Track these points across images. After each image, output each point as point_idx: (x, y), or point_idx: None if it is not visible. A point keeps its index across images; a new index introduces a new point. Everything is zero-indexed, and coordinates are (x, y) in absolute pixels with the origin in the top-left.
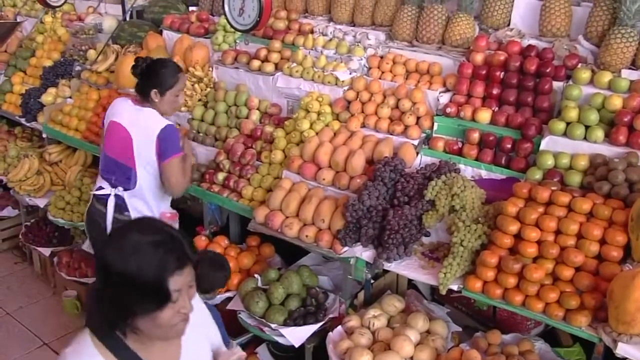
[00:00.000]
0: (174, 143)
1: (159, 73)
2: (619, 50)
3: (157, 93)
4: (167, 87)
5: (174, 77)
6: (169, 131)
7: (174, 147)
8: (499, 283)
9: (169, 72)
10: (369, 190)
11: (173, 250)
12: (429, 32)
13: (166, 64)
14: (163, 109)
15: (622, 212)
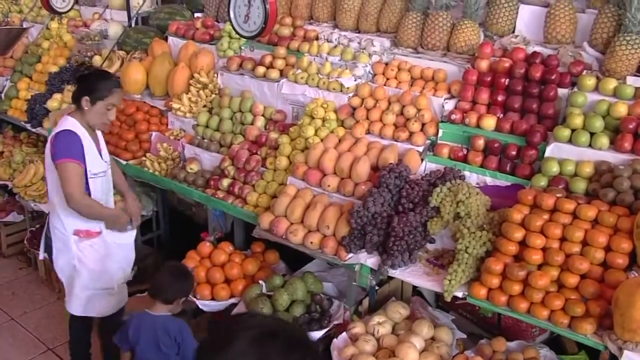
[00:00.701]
0: (68, 148)
1: (95, 81)
2: (624, 57)
3: (88, 101)
4: (100, 97)
5: (110, 90)
6: (64, 135)
7: (66, 151)
8: (504, 290)
9: (107, 83)
10: (374, 196)
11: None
12: (434, 39)
13: (106, 75)
14: (91, 119)
15: (628, 219)
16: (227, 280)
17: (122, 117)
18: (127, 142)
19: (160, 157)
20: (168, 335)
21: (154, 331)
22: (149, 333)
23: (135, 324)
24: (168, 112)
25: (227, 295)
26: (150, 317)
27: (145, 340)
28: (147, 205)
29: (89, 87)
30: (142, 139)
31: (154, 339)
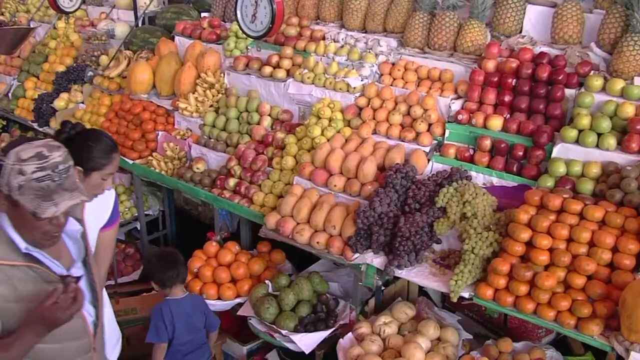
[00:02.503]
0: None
1: (88, 148)
2: (631, 58)
3: (80, 172)
4: (95, 167)
5: (107, 157)
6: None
7: None
8: (510, 291)
9: (102, 149)
10: (380, 197)
11: None
12: (441, 39)
13: (100, 138)
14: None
15: (635, 220)
16: (233, 280)
17: (128, 117)
18: (134, 142)
19: (166, 156)
20: (199, 311)
21: (186, 313)
22: (182, 317)
23: (167, 314)
24: (175, 111)
25: (233, 295)
26: (177, 302)
27: (180, 324)
28: (154, 205)
29: (81, 156)
30: (149, 138)
31: (188, 320)
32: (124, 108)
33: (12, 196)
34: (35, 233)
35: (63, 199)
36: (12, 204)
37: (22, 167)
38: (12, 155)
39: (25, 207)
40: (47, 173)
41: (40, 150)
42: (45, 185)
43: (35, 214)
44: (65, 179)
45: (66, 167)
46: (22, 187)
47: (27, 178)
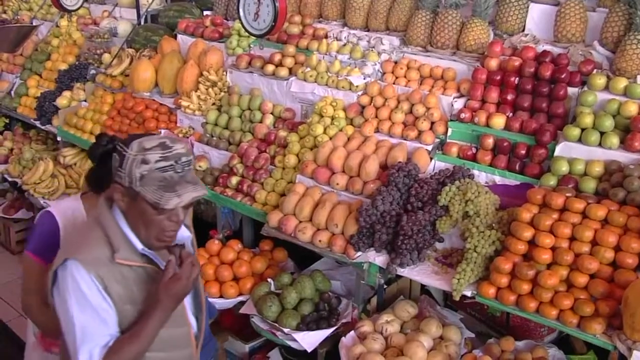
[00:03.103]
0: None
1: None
2: (634, 56)
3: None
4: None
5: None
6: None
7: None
8: (513, 289)
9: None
10: (383, 195)
11: None
12: (443, 38)
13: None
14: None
15: (638, 219)
16: (236, 278)
17: (131, 115)
18: None
19: None
20: None
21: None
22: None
23: None
24: (177, 109)
25: (236, 293)
26: None
27: None
28: None
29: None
30: None
31: None
32: (127, 106)
33: (133, 188)
34: (152, 230)
35: (186, 190)
36: (131, 198)
37: (146, 156)
38: (135, 146)
39: (146, 198)
40: (170, 163)
41: (163, 141)
42: (169, 175)
43: (158, 205)
44: (187, 171)
45: (188, 160)
46: (145, 177)
47: (150, 167)
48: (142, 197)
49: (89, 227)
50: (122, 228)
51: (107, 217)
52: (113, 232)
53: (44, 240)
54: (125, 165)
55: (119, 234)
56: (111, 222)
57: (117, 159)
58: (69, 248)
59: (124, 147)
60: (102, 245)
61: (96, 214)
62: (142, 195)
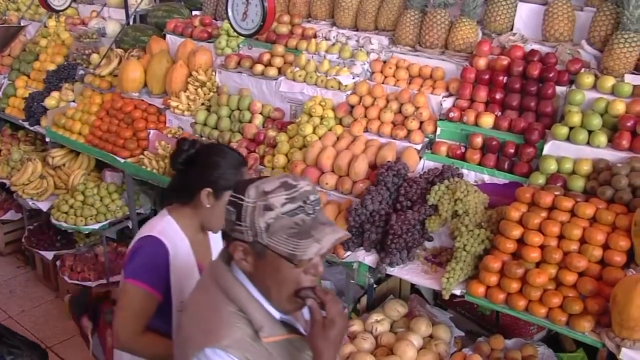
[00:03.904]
0: (142, 264)
1: (215, 164)
2: (622, 55)
3: (210, 194)
4: (228, 186)
5: (238, 172)
6: (147, 245)
7: (139, 267)
8: (502, 288)
9: (231, 163)
10: (372, 194)
11: None
12: (432, 37)
13: (225, 151)
14: (211, 219)
15: (625, 217)
16: None
17: (119, 115)
18: (125, 140)
19: (158, 155)
20: None
21: None
22: None
23: None
24: (166, 110)
25: None
26: None
27: None
28: (145, 204)
29: (209, 175)
30: (140, 137)
31: None
32: (115, 106)
33: (259, 242)
34: (285, 290)
35: (324, 233)
36: (257, 256)
37: (269, 201)
38: (252, 191)
39: (278, 251)
40: (299, 205)
41: (284, 180)
42: (300, 219)
43: (294, 257)
44: (319, 211)
45: (317, 199)
46: (272, 226)
47: (276, 213)
48: (273, 250)
49: (217, 303)
50: (254, 296)
51: (236, 287)
52: (250, 306)
53: (153, 268)
54: (245, 216)
55: (256, 306)
56: (243, 293)
57: (233, 211)
58: (202, 332)
59: (238, 196)
60: (241, 324)
61: (218, 282)
62: (273, 249)
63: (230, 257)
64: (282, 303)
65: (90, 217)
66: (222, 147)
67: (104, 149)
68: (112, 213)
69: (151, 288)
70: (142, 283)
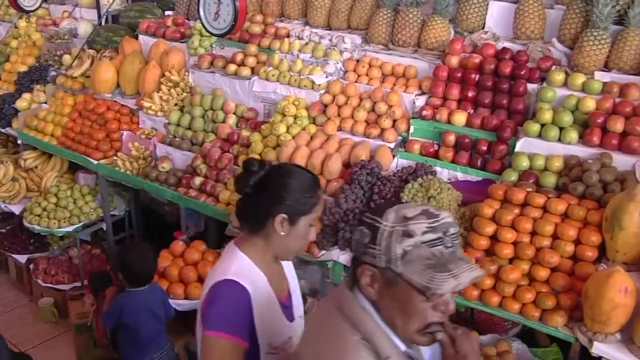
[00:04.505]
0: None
1: (288, 187)
2: (591, 53)
3: (285, 220)
4: (303, 211)
5: (314, 194)
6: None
7: (222, 318)
8: (476, 284)
9: (305, 184)
10: (346, 193)
11: None
12: (405, 36)
13: (297, 171)
14: (285, 247)
15: (597, 213)
16: (201, 278)
17: (92, 117)
18: (98, 142)
19: (131, 156)
20: (159, 301)
21: (147, 303)
22: (145, 307)
23: (127, 305)
24: (139, 110)
25: (201, 294)
26: (139, 294)
27: (144, 314)
28: (120, 205)
29: (286, 199)
30: (113, 138)
31: (150, 310)
32: (88, 108)
33: (391, 269)
34: (413, 323)
35: (462, 269)
36: (387, 283)
37: (409, 228)
38: (390, 215)
39: (411, 281)
40: (439, 236)
41: (426, 209)
42: (438, 252)
43: (428, 290)
44: (457, 246)
45: (456, 232)
46: (409, 253)
47: (415, 241)
48: (406, 280)
49: (341, 331)
50: (380, 326)
51: (362, 314)
52: (377, 335)
53: (236, 315)
54: (380, 240)
55: (383, 335)
56: (370, 321)
57: (367, 233)
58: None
59: (375, 218)
60: (366, 354)
61: (342, 308)
62: (406, 278)
63: (355, 281)
64: (409, 335)
65: (64, 219)
66: (293, 167)
67: (77, 150)
68: (85, 215)
69: (236, 337)
70: (226, 334)
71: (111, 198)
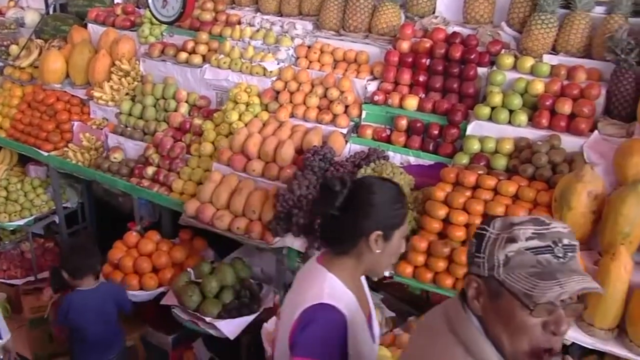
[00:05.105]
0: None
1: (377, 201)
2: (539, 36)
3: (379, 237)
4: (396, 224)
5: (402, 204)
6: (322, 316)
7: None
8: (430, 267)
9: (392, 195)
10: (299, 179)
11: None
12: (356, 21)
13: (383, 184)
14: (380, 263)
15: (546, 193)
16: (155, 269)
17: (42, 108)
18: (48, 133)
19: (83, 147)
20: (110, 300)
21: (96, 303)
22: (90, 308)
23: (72, 304)
24: (90, 101)
25: (156, 284)
26: (87, 293)
27: (89, 315)
28: (72, 197)
29: (379, 215)
30: (64, 129)
31: (97, 311)
32: (37, 99)
33: (494, 277)
34: (521, 342)
35: (571, 279)
36: (491, 294)
37: (513, 233)
38: (497, 223)
39: (512, 289)
40: (547, 244)
41: (536, 217)
42: (545, 260)
43: (529, 298)
44: (572, 258)
45: (572, 245)
46: (511, 259)
47: (519, 247)
48: (507, 288)
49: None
50: (488, 342)
51: (470, 328)
52: (486, 352)
53: (330, 340)
54: (485, 247)
55: (492, 352)
56: (479, 336)
57: (473, 242)
58: None
59: (483, 227)
60: None
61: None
62: (507, 286)
63: (464, 296)
64: (517, 357)
65: (15, 213)
66: (375, 180)
67: (27, 142)
68: (37, 208)
69: None
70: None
71: (63, 190)
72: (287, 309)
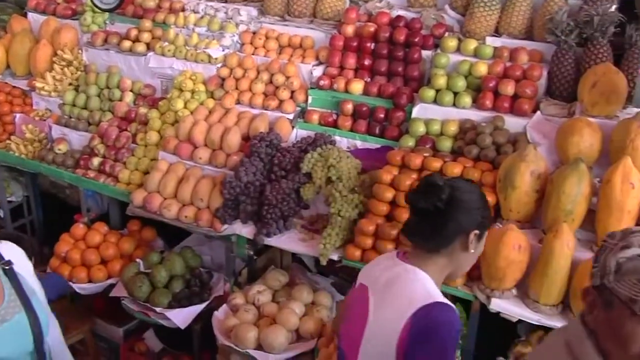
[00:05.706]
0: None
1: (477, 201)
2: (482, 19)
3: (475, 237)
4: (488, 225)
5: (488, 203)
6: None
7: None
8: (377, 250)
9: (484, 198)
10: (246, 166)
11: None
12: (300, 6)
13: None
14: (468, 264)
15: (491, 174)
16: (104, 261)
17: None
18: None
19: (26, 139)
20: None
21: None
22: None
23: None
24: (32, 92)
25: (105, 276)
26: None
27: None
28: (17, 191)
29: (478, 214)
30: (5, 121)
31: None
32: None
33: (605, 285)
34: (629, 353)
35: None
36: (604, 305)
37: (629, 240)
38: (618, 233)
39: (619, 295)
40: None
41: None
42: None
43: (634, 303)
44: None
45: None
46: (623, 265)
47: (632, 253)
48: (616, 295)
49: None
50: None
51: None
52: None
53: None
54: (601, 257)
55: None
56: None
57: (595, 255)
58: None
59: (606, 239)
60: None
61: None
62: (616, 292)
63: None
64: None
65: None
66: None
67: None
68: None
69: None
70: None
71: (7, 184)
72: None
